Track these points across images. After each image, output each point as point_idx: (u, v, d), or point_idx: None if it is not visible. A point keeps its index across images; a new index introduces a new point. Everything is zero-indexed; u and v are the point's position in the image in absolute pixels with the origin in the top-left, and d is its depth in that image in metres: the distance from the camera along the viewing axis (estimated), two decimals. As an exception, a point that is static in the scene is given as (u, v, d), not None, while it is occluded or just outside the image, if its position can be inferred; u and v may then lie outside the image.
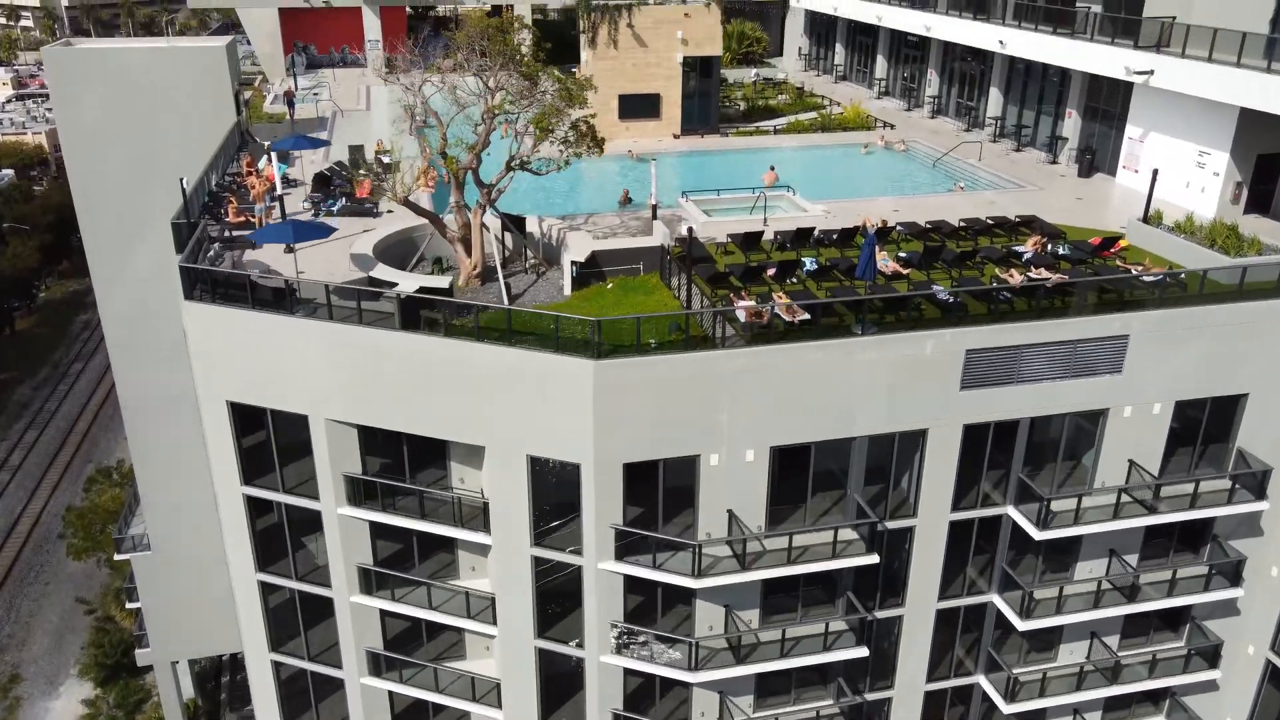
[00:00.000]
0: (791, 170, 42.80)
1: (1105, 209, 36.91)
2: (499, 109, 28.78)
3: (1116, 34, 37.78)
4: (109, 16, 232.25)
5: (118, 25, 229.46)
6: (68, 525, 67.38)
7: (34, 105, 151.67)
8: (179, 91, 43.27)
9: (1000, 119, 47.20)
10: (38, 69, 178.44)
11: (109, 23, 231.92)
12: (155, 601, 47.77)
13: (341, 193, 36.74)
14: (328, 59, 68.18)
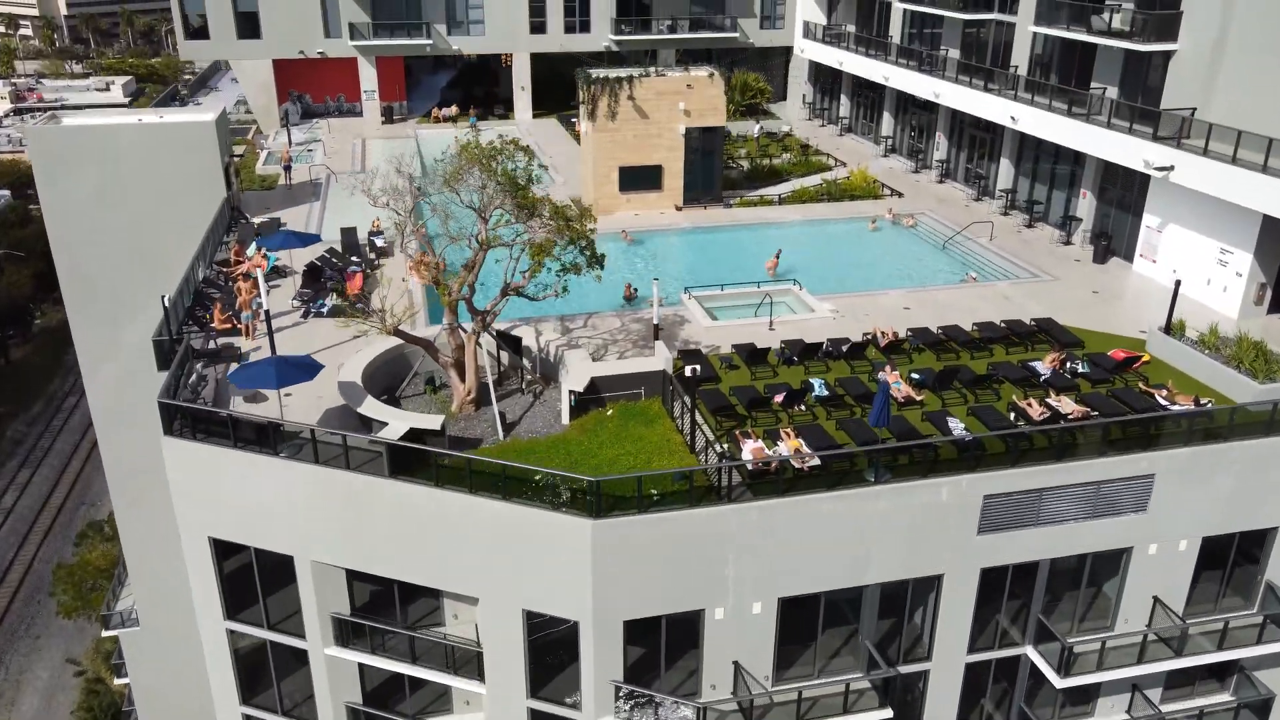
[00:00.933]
0: (797, 252, 41.62)
1: (1123, 305, 35.63)
2: (493, 242, 27.47)
3: (1134, 120, 36.52)
4: (108, 25, 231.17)
5: (116, 34, 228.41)
6: (57, 582, 66.22)
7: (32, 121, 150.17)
8: (167, 168, 42.16)
9: (1011, 191, 45.91)
10: (36, 82, 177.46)
11: (108, 31, 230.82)
12: (144, 677, 46.62)
13: (332, 288, 35.47)
14: (323, 108, 66.96)
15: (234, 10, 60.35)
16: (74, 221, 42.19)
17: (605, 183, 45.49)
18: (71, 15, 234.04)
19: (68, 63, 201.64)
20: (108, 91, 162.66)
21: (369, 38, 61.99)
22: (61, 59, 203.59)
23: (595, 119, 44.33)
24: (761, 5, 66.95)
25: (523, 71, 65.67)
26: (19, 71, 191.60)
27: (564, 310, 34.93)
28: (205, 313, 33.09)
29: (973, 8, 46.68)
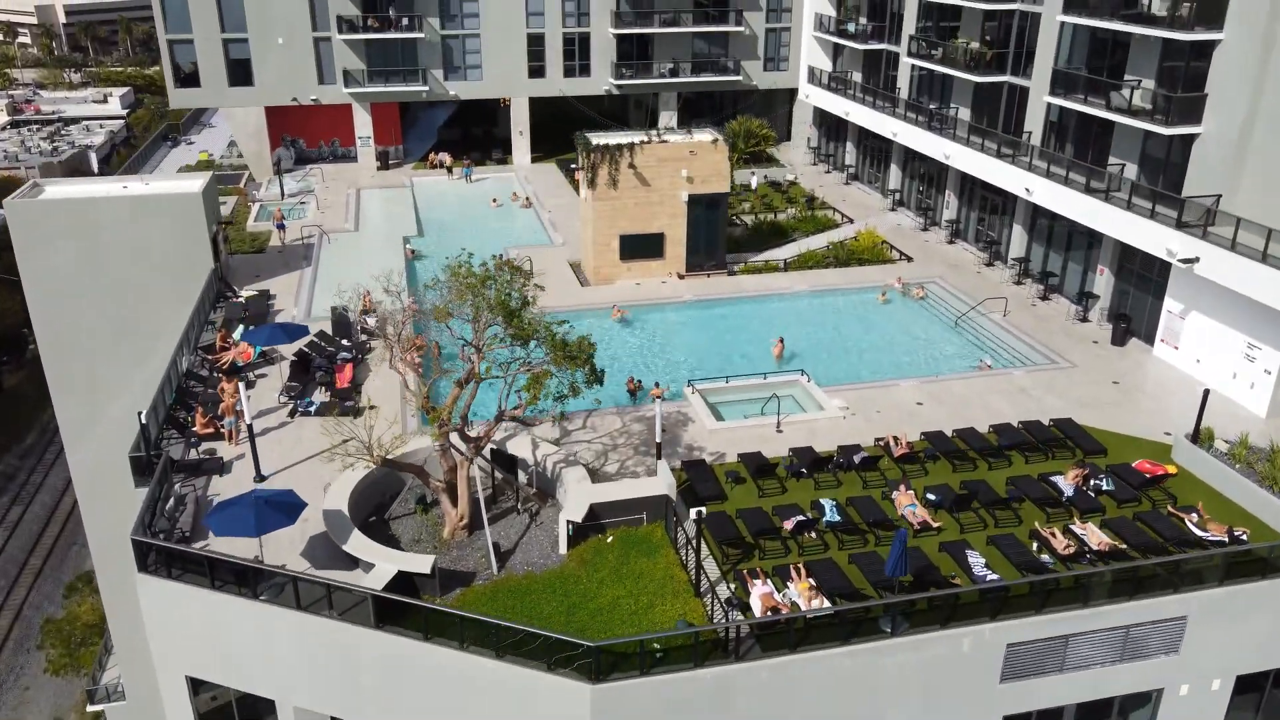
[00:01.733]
0: (805, 330, 40.28)
1: (1145, 399, 34.15)
2: (486, 375, 26.01)
3: (1155, 202, 35.06)
4: (107, 33, 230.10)
5: (115, 42, 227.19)
6: (46, 637, 64.89)
7: (29, 135, 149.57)
8: (151, 241, 40.81)
9: (1024, 260, 44.42)
10: (34, 94, 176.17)
11: (107, 39, 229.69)
12: (131, 755, 45.23)
13: (321, 380, 34.03)
14: (316, 153, 65.53)
15: (226, 58, 58.93)
16: (54, 294, 40.81)
17: (606, 250, 44.05)
18: (70, 23, 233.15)
19: (66, 71, 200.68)
20: (105, 103, 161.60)
21: (364, 85, 60.57)
22: (60, 67, 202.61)
23: (595, 186, 42.88)
24: (765, 48, 65.50)
25: (521, 116, 64.22)
26: (17, 80, 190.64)
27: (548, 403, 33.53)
28: (187, 414, 31.64)
29: (984, 70, 45.16)
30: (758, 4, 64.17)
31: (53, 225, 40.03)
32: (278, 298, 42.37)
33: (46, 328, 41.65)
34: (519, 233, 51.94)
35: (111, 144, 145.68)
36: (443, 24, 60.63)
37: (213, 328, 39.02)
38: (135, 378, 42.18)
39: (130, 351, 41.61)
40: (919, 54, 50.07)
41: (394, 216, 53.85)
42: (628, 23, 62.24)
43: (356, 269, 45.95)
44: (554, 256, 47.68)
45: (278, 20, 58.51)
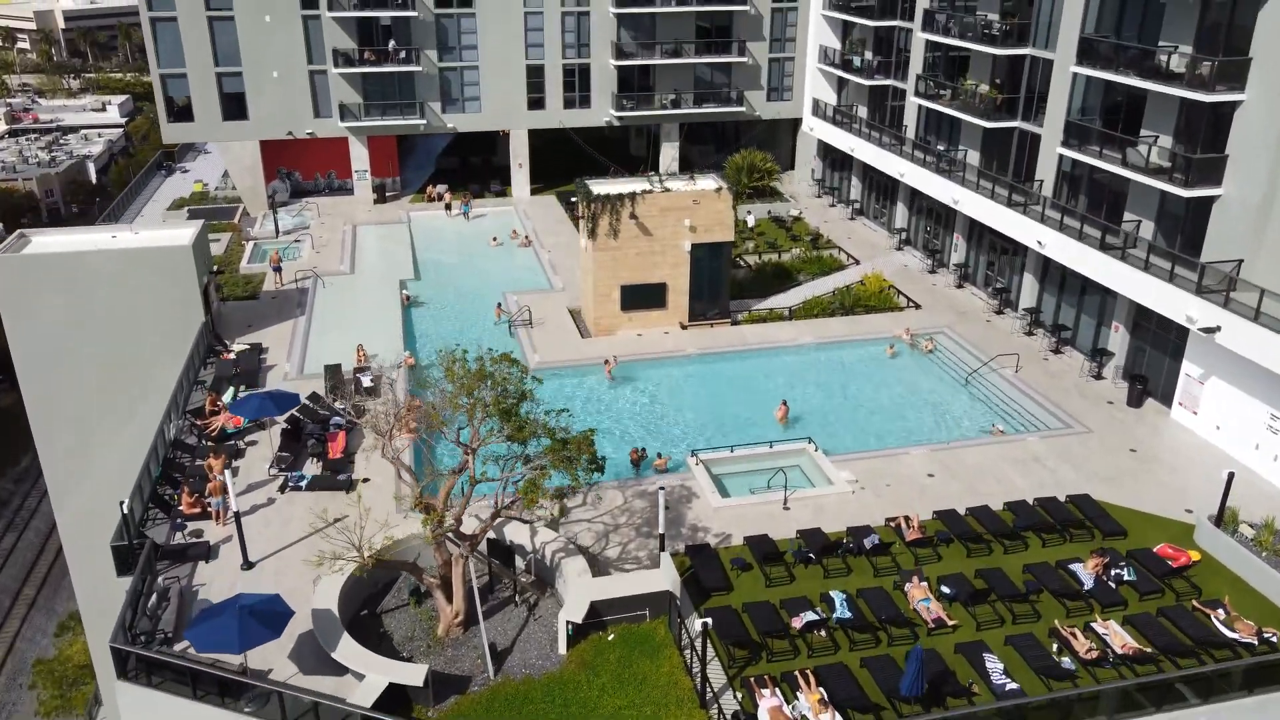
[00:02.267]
0: (811, 388, 39.23)
1: (1164, 470, 33.01)
2: (481, 478, 24.93)
3: (1174, 264, 33.97)
4: (106, 38, 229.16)
5: (114, 48, 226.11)
6: (37, 677, 63.82)
7: (27, 144, 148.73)
8: (140, 295, 39.80)
9: (1036, 310, 43.30)
10: (32, 101, 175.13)
11: (106, 45, 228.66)
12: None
13: (313, 451, 32.95)
14: (313, 185, 64.46)
15: (219, 92, 57.85)
16: (41, 350, 39.83)
17: (606, 301, 42.97)
18: (69, 29, 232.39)
19: (65, 77, 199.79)
20: (104, 112, 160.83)
21: (360, 118, 59.48)
22: (58, 74, 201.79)
23: (595, 237, 41.79)
24: (768, 78, 64.40)
25: (520, 148, 63.13)
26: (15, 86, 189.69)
27: (562, 481, 32.45)
28: (173, 492, 30.58)
29: (993, 116, 44.06)
30: (761, 34, 63.08)
31: (39, 281, 39.02)
32: (270, 351, 41.31)
33: (33, 383, 40.64)
34: (518, 274, 50.85)
35: (110, 153, 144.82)
36: (440, 56, 59.55)
37: (202, 387, 37.98)
38: (123, 433, 41.21)
39: (118, 407, 40.62)
40: (926, 94, 48.97)
41: (390, 256, 52.76)
42: (628, 54, 61.15)
43: (352, 313, 45.15)
44: (553, 303, 46.63)
45: (272, 54, 57.44)
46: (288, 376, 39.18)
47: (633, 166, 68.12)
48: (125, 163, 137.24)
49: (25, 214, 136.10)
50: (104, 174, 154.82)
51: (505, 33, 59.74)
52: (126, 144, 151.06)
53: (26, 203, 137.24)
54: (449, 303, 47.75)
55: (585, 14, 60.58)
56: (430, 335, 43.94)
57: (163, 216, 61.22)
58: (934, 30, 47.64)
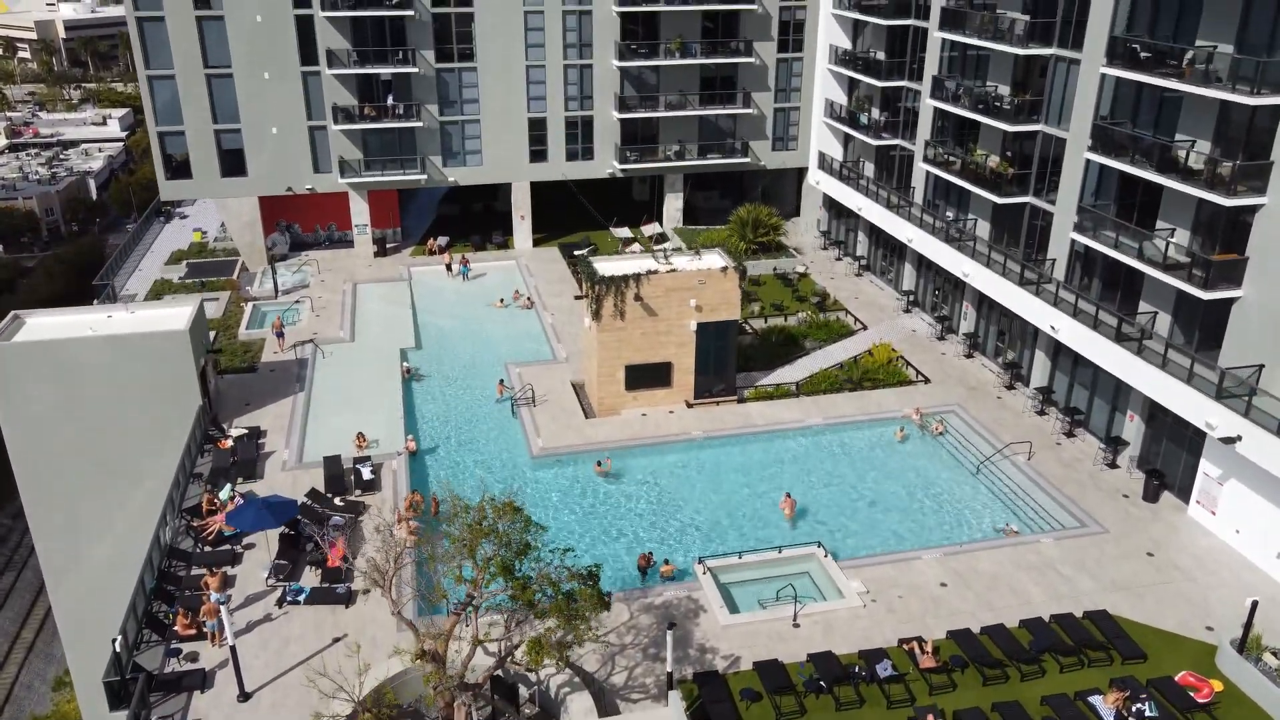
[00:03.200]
0: (818, 481, 38.48)
1: (1183, 578, 32.15)
2: (486, 639, 24.18)
3: (1194, 365, 33.20)
4: (106, 48, 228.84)
5: (115, 57, 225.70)
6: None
7: (27, 160, 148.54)
8: (135, 381, 39.12)
9: (1048, 389, 42.51)
10: (33, 116, 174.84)
11: (107, 54, 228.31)
12: None
13: (311, 560, 32.22)
14: (313, 238, 63.73)
15: (218, 148, 57.15)
16: (35, 435, 39.12)
17: (610, 381, 42.23)
18: (69, 38, 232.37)
19: (65, 88, 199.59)
20: (104, 126, 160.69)
21: (361, 173, 58.77)
22: (59, 84, 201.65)
23: (600, 318, 41.04)
24: (774, 127, 63.66)
25: (523, 199, 62.42)
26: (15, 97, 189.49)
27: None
28: (168, 611, 29.83)
29: (1004, 191, 43.30)
30: (766, 84, 62.33)
31: (32, 368, 38.32)
32: (268, 436, 40.57)
33: (27, 468, 39.91)
34: (520, 342, 50.12)
35: (110, 169, 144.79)
36: (441, 110, 58.83)
37: (199, 480, 37.26)
38: (117, 519, 40.58)
39: (113, 493, 40.00)
40: (935, 161, 48.19)
41: (391, 321, 51.92)
42: (632, 106, 60.40)
43: (352, 389, 44.41)
44: (557, 376, 45.91)
45: (271, 110, 56.74)
46: (286, 465, 38.47)
47: (636, 214, 67.49)
48: (126, 179, 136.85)
49: (25, 233, 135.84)
50: (104, 190, 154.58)
51: (507, 86, 59.03)
52: (127, 158, 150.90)
53: (26, 222, 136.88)
54: (451, 375, 46.99)
55: (588, 67, 59.86)
56: (432, 416, 43.20)
57: (160, 271, 60.53)
58: (943, 98, 46.88)
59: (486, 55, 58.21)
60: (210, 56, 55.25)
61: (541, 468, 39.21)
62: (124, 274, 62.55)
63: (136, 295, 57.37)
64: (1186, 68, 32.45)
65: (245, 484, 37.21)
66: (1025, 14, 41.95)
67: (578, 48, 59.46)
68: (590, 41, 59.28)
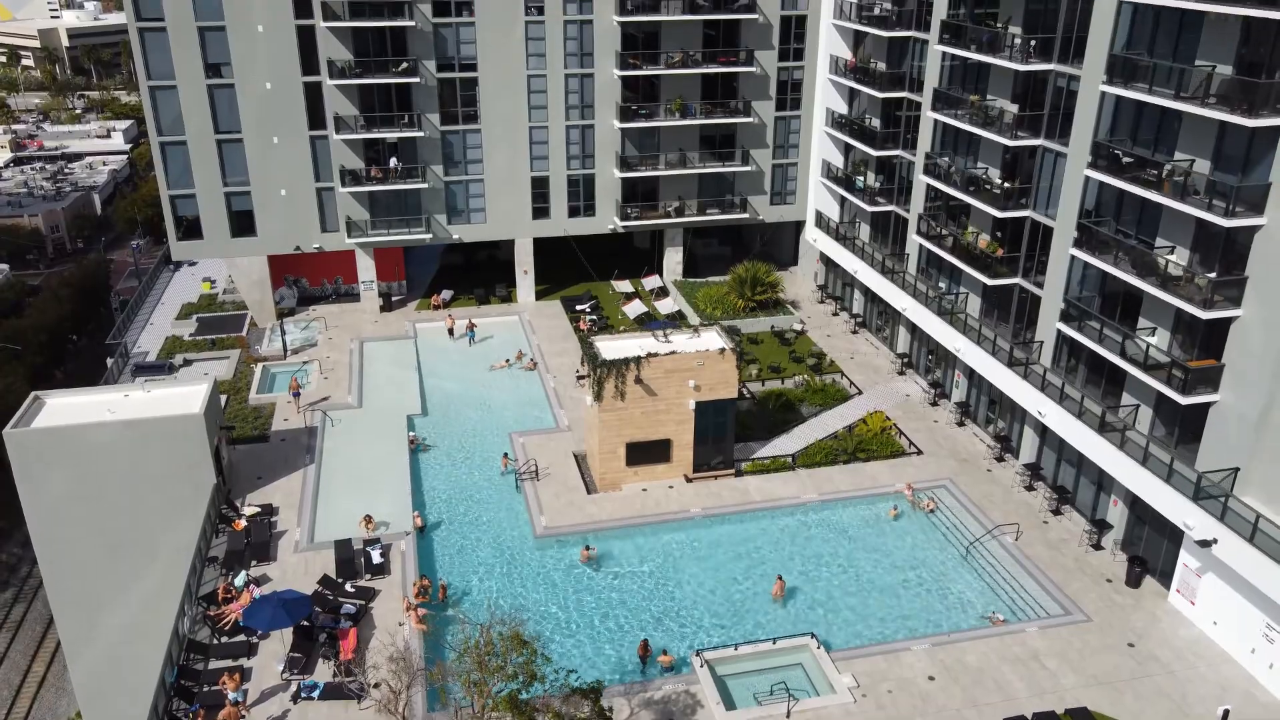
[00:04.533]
0: (812, 564, 39.79)
1: (1161, 675, 33.34)
2: None
3: (1173, 464, 34.52)
4: (110, 56, 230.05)
5: (119, 64, 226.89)
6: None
7: (32, 175, 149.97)
8: (150, 462, 40.50)
9: (1036, 465, 43.82)
10: (36, 128, 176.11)
11: (110, 62, 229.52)
12: None
13: (324, 654, 33.55)
14: (320, 291, 65.08)
15: (228, 209, 58.48)
16: (54, 516, 40.51)
17: (612, 458, 43.57)
18: (73, 46, 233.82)
19: (69, 96, 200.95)
20: (109, 138, 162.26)
21: (367, 233, 60.09)
22: (62, 94, 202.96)
23: (602, 399, 42.36)
24: (772, 183, 64.95)
25: (525, 256, 63.75)
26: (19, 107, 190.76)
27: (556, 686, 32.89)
28: (189, 709, 31.16)
29: (993, 273, 44.57)
30: (764, 142, 63.60)
31: (50, 453, 39.68)
32: (280, 514, 41.94)
33: (46, 546, 41.26)
34: (523, 409, 51.44)
35: (114, 183, 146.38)
36: (446, 170, 60.14)
37: (215, 565, 38.63)
38: (133, 591, 41.95)
39: (129, 568, 41.38)
40: (928, 235, 49.48)
41: (396, 386, 53.20)
42: (633, 165, 61.70)
43: (360, 461, 45.76)
44: (559, 447, 47.23)
45: (280, 172, 58.07)
46: (299, 547, 39.84)
47: (637, 265, 68.77)
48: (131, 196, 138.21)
49: (31, 251, 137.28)
50: (108, 205, 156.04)
51: (510, 146, 60.35)
52: (131, 172, 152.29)
53: (32, 240, 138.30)
54: (456, 445, 48.28)
55: (590, 127, 61.14)
56: (438, 490, 44.50)
57: (171, 327, 61.85)
58: (935, 177, 48.15)
59: (490, 117, 59.52)
60: (221, 123, 56.56)
61: (545, 548, 40.53)
62: (135, 328, 63.84)
63: (148, 353, 58.75)
64: (1165, 180, 33.74)
65: (259, 566, 38.62)
66: (1015, 102, 43.29)
67: (579, 109, 60.77)
68: (592, 103, 60.58)
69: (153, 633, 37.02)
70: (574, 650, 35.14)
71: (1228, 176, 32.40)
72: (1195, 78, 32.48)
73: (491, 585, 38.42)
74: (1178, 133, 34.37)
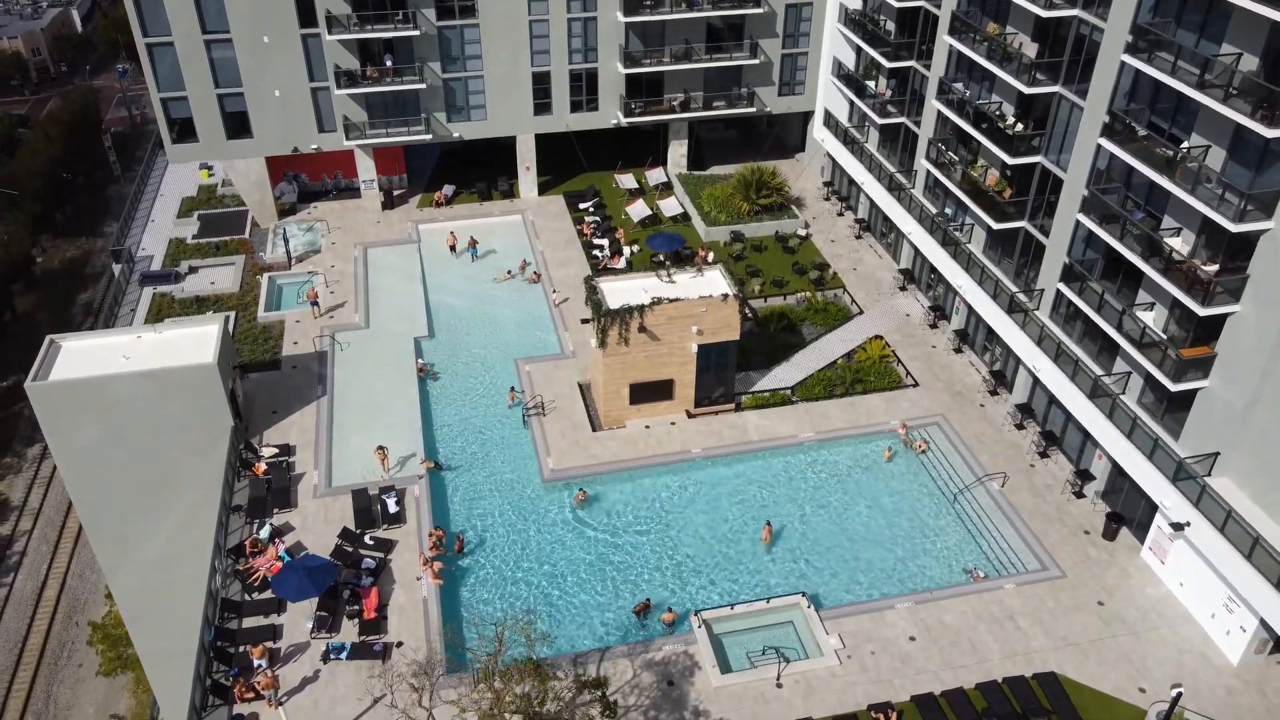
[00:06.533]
0: (807, 510, 41.66)
1: (1127, 636, 35.66)
2: None
3: (1155, 446, 35.79)
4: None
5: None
6: (93, 641, 68.97)
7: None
8: (168, 410, 41.90)
9: (1028, 406, 45.04)
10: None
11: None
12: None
13: (349, 613, 36.04)
14: (320, 186, 64.38)
15: (221, 111, 57.06)
16: (82, 462, 42.29)
17: (615, 397, 44.82)
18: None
19: None
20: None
21: (365, 134, 58.83)
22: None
23: (606, 345, 43.16)
24: (780, 73, 62.84)
25: (528, 152, 62.60)
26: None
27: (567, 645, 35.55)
28: (228, 672, 33.88)
29: (1000, 216, 44.18)
30: (774, 31, 61.08)
31: (72, 404, 40.97)
32: (297, 453, 43.67)
33: (77, 486, 43.19)
34: (528, 329, 52.22)
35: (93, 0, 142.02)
36: (444, 68, 58.18)
37: (240, 513, 40.70)
38: (164, 520, 44.22)
39: (157, 499, 43.43)
40: (936, 162, 48.61)
41: (402, 301, 53.78)
42: (637, 60, 59.56)
43: (371, 391, 47.07)
44: (565, 376, 48.41)
45: (273, 74, 56.27)
46: (318, 492, 41.78)
47: (641, 153, 67.47)
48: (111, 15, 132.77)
49: (15, 76, 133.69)
50: (88, 23, 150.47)
51: (510, 42, 58.15)
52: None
53: (14, 64, 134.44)
54: (463, 371, 49.42)
55: (592, 20, 58.65)
56: (448, 424, 45.97)
57: (173, 227, 61.68)
58: (948, 105, 46.78)
59: (488, 11, 57.02)
60: (208, 22, 54.31)
61: (552, 490, 42.44)
62: (137, 225, 63.61)
63: (153, 258, 58.95)
64: (1178, 164, 33.21)
65: (281, 514, 40.69)
66: (1035, 40, 41.63)
67: (581, 0, 58.06)
68: (595, -7, 57.90)
69: (189, 559, 39.22)
70: (577, 602, 37.62)
71: (1242, 170, 31.90)
72: (1218, 65, 31.38)
73: (501, 534, 40.47)
74: (1196, 114, 33.49)
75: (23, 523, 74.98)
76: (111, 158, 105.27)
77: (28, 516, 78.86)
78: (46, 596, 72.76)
